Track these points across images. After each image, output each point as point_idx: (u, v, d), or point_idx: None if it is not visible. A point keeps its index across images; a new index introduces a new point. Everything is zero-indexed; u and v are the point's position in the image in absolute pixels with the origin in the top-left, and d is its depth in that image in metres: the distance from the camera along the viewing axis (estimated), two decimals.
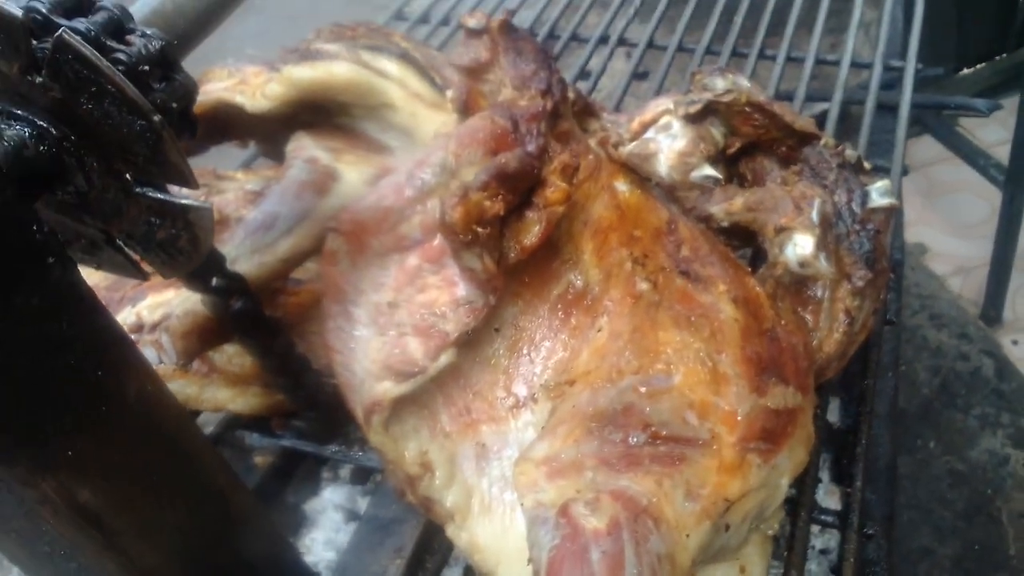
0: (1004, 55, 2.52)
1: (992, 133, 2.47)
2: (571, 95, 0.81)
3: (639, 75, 1.65)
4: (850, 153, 0.77)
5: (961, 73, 2.53)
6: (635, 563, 0.48)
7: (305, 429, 0.68)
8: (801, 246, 0.69)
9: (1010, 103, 1.83)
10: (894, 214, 0.76)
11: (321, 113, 0.87)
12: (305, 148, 0.79)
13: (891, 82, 1.23)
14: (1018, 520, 1.76)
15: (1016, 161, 1.82)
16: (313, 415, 0.67)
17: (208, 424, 0.79)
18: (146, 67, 0.40)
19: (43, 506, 0.38)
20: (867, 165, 0.78)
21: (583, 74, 1.28)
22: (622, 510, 0.51)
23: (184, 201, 0.41)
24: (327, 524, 1.03)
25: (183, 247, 0.43)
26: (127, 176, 0.40)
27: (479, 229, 0.55)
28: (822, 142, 0.78)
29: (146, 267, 0.49)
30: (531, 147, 0.61)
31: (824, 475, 0.98)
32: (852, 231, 0.73)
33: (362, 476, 0.87)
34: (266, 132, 0.92)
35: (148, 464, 0.43)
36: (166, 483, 0.45)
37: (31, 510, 0.38)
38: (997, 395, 1.95)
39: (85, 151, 0.40)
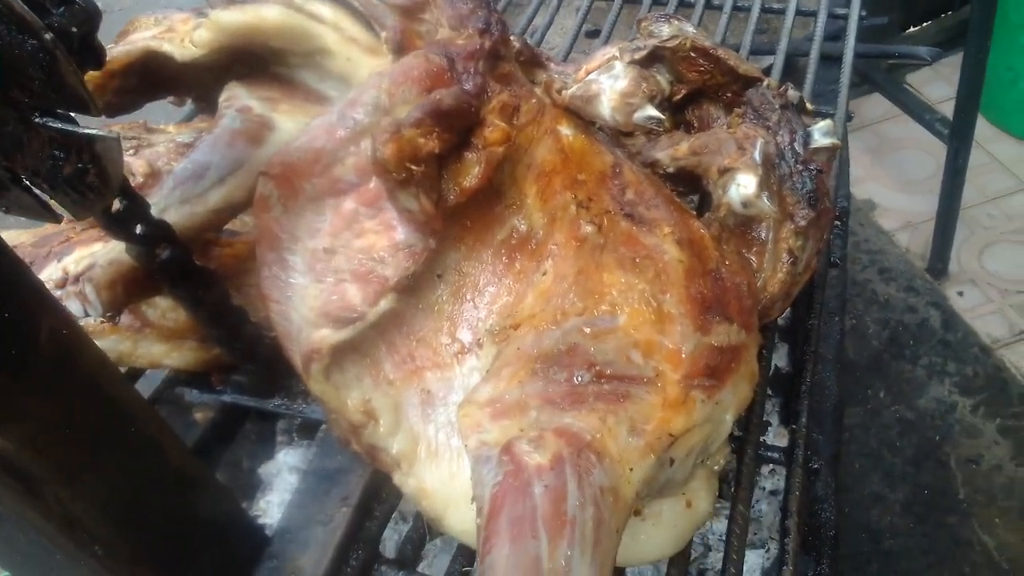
0: (950, 12, 2.55)
1: (938, 90, 2.52)
2: (517, 44, 0.79)
3: (590, 33, 1.64)
4: (792, 94, 0.77)
5: (908, 31, 2.56)
6: (577, 495, 0.47)
7: (246, 383, 0.66)
8: (744, 185, 0.69)
9: (956, 60, 1.85)
10: (836, 154, 0.77)
11: (257, 64, 0.84)
12: (238, 98, 0.76)
13: (836, 33, 1.23)
14: (966, 465, 1.82)
15: (960, 116, 1.85)
16: (253, 368, 0.65)
17: (152, 382, 0.76)
18: None
19: None
20: (809, 106, 0.78)
21: (532, 32, 1.26)
22: (565, 446, 0.51)
23: (88, 131, 0.39)
24: (282, 486, 1.01)
25: (92, 183, 0.41)
26: (26, 103, 0.38)
27: (413, 167, 0.53)
28: (764, 83, 0.78)
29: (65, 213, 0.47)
30: (468, 85, 0.60)
31: (773, 419, 0.99)
32: (795, 171, 0.73)
33: (308, 430, 0.85)
34: (201, 86, 0.88)
35: (65, 410, 0.42)
36: (88, 430, 0.43)
37: None
38: (944, 345, 2.01)
39: None
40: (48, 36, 0.34)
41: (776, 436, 0.95)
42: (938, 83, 2.54)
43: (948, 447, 1.84)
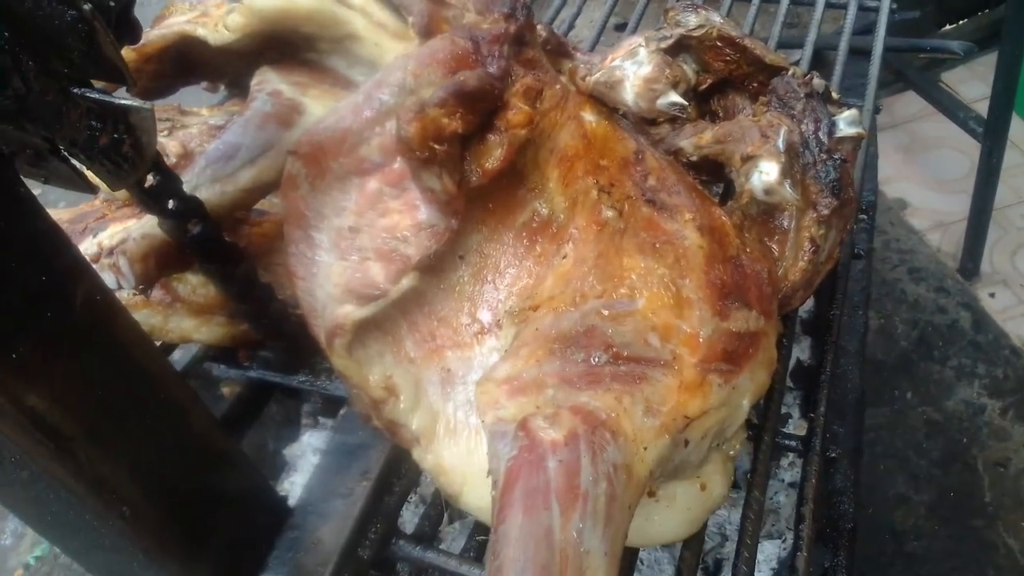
0: (987, 10, 2.51)
1: (974, 88, 2.47)
2: (544, 33, 0.80)
3: (619, 27, 1.64)
4: (818, 82, 0.76)
5: (943, 28, 2.52)
6: (591, 471, 0.48)
7: (272, 359, 0.68)
8: (766, 173, 0.69)
9: (992, 59, 1.82)
10: (861, 144, 0.76)
11: (287, 49, 0.85)
12: (269, 82, 0.78)
13: (867, 27, 1.22)
14: (993, 468, 1.79)
15: (994, 114, 1.82)
16: (279, 345, 0.67)
17: (181, 360, 0.79)
18: None
19: None
20: (835, 95, 0.78)
21: (571, 26, 1.26)
22: (581, 423, 0.52)
23: (124, 101, 0.40)
24: (306, 467, 1.04)
25: (127, 153, 0.43)
26: (65, 73, 0.39)
27: (436, 146, 0.54)
28: (790, 72, 0.78)
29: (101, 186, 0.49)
30: (492, 68, 0.60)
31: (795, 411, 0.99)
32: (819, 160, 0.73)
33: (332, 409, 0.87)
34: (234, 71, 0.90)
35: (97, 372, 0.43)
36: (118, 393, 0.45)
37: None
38: (974, 346, 1.97)
39: (20, 49, 0.39)
40: (87, 7, 0.36)
41: (796, 428, 0.94)
42: (974, 82, 2.49)
43: (975, 450, 1.82)
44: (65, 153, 0.44)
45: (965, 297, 2.06)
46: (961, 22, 2.53)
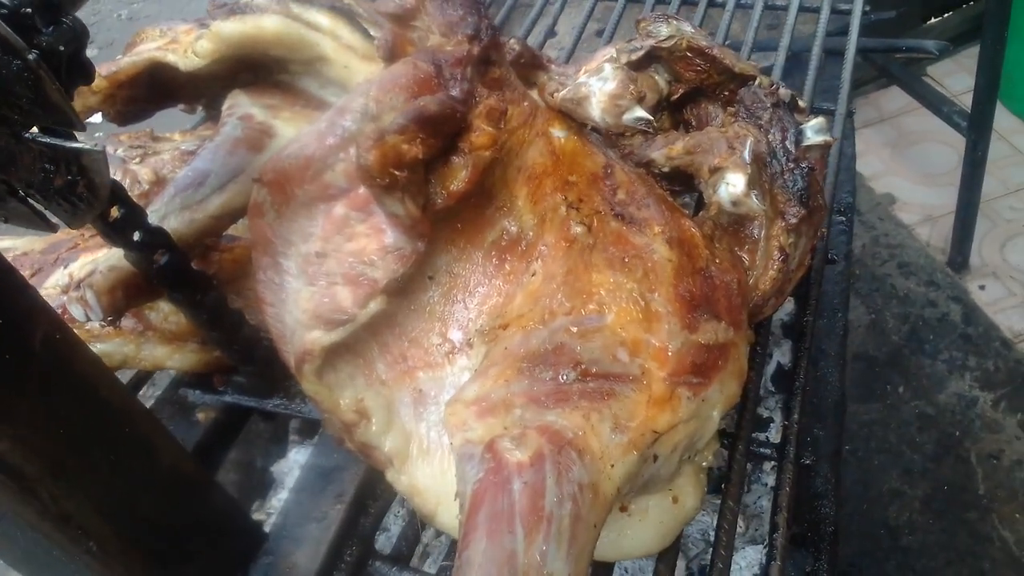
0: (971, 2, 2.51)
1: (960, 82, 2.48)
2: (517, 47, 0.80)
3: (600, 32, 1.64)
4: (784, 92, 0.77)
5: (928, 22, 2.52)
6: (556, 492, 0.49)
7: (246, 384, 0.68)
8: (733, 184, 0.70)
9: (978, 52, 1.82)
10: (829, 151, 0.77)
11: (261, 72, 0.86)
12: (241, 105, 0.78)
13: (844, 29, 1.22)
14: (987, 460, 1.80)
15: (978, 107, 1.82)
16: (252, 370, 0.67)
17: (158, 386, 0.79)
18: (29, 9, 0.39)
19: None
20: (802, 103, 0.78)
21: (551, 32, 1.27)
22: (547, 443, 0.52)
23: (75, 145, 0.41)
24: (293, 484, 1.04)
25: (81, 193, 0.43)
26: (16, 119, 0.40)
27: (397, 172, 0.55)
28: (756, 82, 0.78)
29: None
30: (455, 91, 0.61)
31: (776, 416, 0.99)
32: (786, 169, 0.73)
33: (311, 429, 0.87)
34: (209, 94, 0.91)
35: (60, 411, 0.44)
36: (82, 430, 0.45)
37: None
38: (964, 339, 1.98)
39: None
40: (32, 57, 0.36)
41: (778, 432, 0.95)
42: (960, 75, 2.50)
43: (968, 442, 1.82)
44: (23, 194, 0.45)
45: (955, 290, 2.06)
46: (946, 15, 2.53)
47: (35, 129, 0.42)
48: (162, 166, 0.77)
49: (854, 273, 2.08)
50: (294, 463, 1.08)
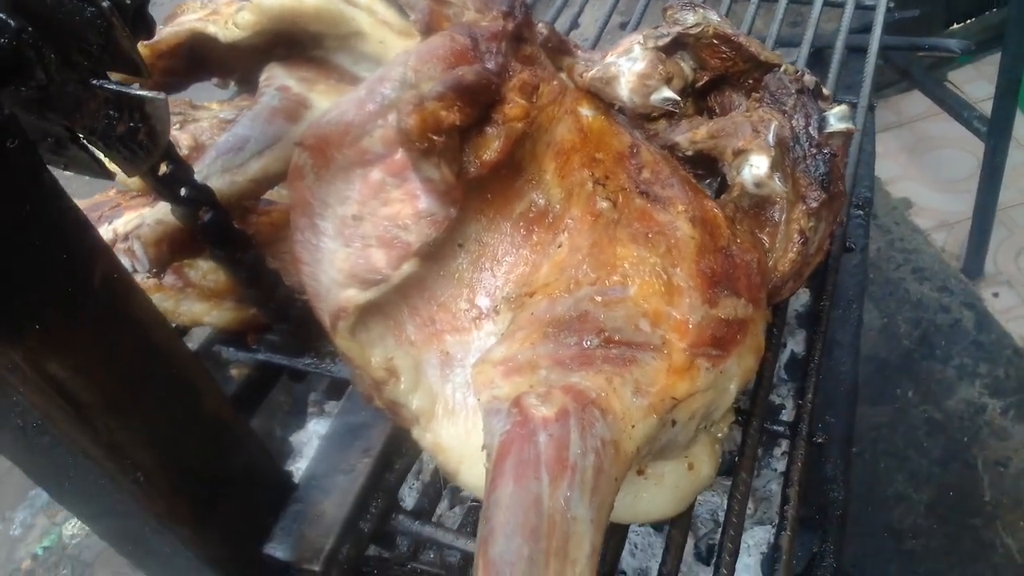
0: (994, 9, 2.51)
1: (980, 88, 2.48)
2: (545, 31, 0.82)
3: (623, 25, 1.66)
4: (808, 79, 0.78)
5: (951, 28, 2.52)
6: (580, 444, 0.51)
7: (279, 343, 0.71)
8: (756, 166, 0.71)
9: (999, 58, 1.83)
10: (851, 139, 0.78)
11: (296, 47, 0.88)
12: (277, 77, 0.81)
13: (867, 26, 1.24)
14: (993, 467, 1.80)
15: (998, 112, 1.83)
16: (285, 328, 0.69)
17: (194, 341, 0.82)
18: None
19: (13, 375, 0.41)
20: (826, 91, 0.80)
21: (575, 23, 1.29)
22: (571, 401, 0.54)
23: (140, 92, 0.43)
24: (312, 454, 1.06)
25: (142, 141, 0.45)
26: (85, 66, 0.42)
27: (435, 138, 0.57)
28: (782, 68, 0.80)
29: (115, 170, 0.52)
30: (490, 64, 0.63)
31: (788, 403, 1.01)
32: (809, 154, 0.75)
33: (337, 393, 0.89)
34: (244, 67, 0.93)
35: (115, 346, 0.46)
36: (134, 367, 0.48)
37: (1, 379, 0.41)
38: (976, 346, 1.98)
39: (43, 43, 0.41)
40: (105, 4, 0.39)
41: (788, 417, 0.96)
42: (980, 81, 2.50)
43: (976, 449, 1.83)
44: (84, 141, 0.47)
45: (968, 297, 2.07)
46: (967, 22, 2.54)
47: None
48: (201, 132, 0.80)
49: (885, 276, 2.09)
50: (313, 433, 1.10)
